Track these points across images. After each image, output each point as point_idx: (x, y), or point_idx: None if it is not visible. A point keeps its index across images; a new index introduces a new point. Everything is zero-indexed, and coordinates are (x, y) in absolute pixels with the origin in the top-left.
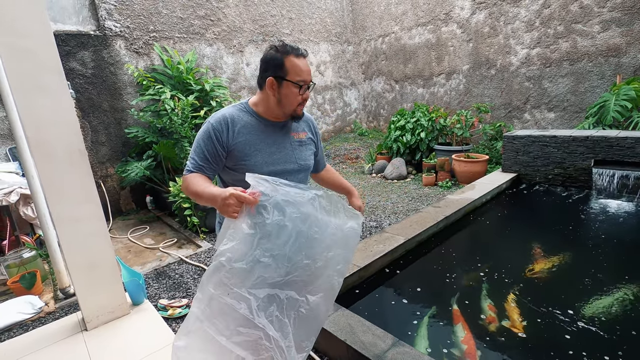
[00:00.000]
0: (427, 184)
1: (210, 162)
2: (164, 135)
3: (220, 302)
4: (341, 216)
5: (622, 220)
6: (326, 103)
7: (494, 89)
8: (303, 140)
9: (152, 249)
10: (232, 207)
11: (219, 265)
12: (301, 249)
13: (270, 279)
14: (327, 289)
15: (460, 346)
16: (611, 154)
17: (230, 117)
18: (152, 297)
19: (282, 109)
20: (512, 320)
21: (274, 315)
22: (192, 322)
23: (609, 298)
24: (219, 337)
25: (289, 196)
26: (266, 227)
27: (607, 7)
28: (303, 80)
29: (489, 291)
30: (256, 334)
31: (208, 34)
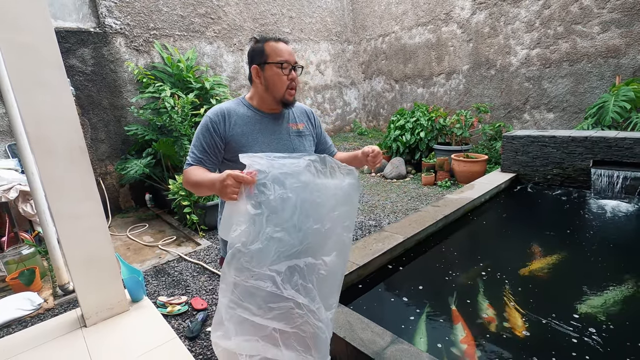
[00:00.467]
0: (426, 184)
1: (209, 154)
2: (164, 133)
3: (245, 285)
4: (338, 175)
5: (620, 221)
6: (326, 102)
7: (493, 89)
8: (301, 131)
9: (152, 247)
10: (231, 187)
11: (236, 252)
12: (308, 216)
13: (287, 252)
14: (340, 246)
15: (459, 346)
16: (610, 155)
17: (226, 109)
18: (151, 295)
19: (271, 94)
20: (511, 320)
21: (299, 283)
22: (224, 312)
23: (606, 297)
24: (253, 317)
25: (286, 168)
26: (271, 203)
27: (606, 8)
28: (285, 60)
29: (487, 290)
30: (287, 305)
31: (208, 32)
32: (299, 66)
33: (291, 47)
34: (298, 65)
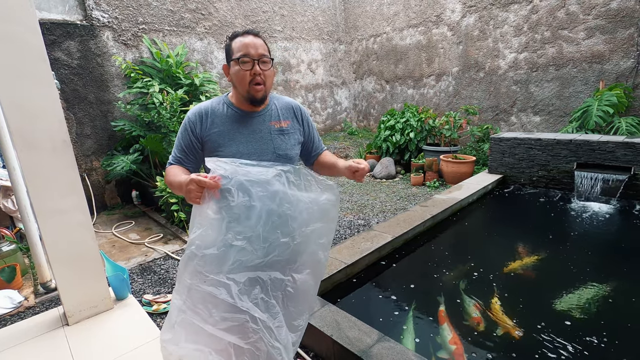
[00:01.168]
0: (415, 184)
1: (187, 154)
2: (152, 129)
3: (199, 290)
4: (314, 189)
5: (601, 222)
6: (317, 101)
7: (482, 91)
8: (285, 129)
9: (138, 244)
10: (193, 192)
11: (191, 254)
12: (275, 228)
13: (249, 262)
14: (313, 264)
15: (448, 347)
16: (593, 158)
17: (205, 109)
18: (136, 292)
19: (238, 91)
20: (497, 319)
21: (259, 297)
22: (176, 314)
23: (587, 294)
24: (205, 325)
25: (251, 175)
26: (233, 210)
27: (592, 14)
28: (244, 53)
29: (473, 290)
30: (241, 318)
31: (199, 28)
32: (267, 58)
33: (260, 41)
34: (265, 58)
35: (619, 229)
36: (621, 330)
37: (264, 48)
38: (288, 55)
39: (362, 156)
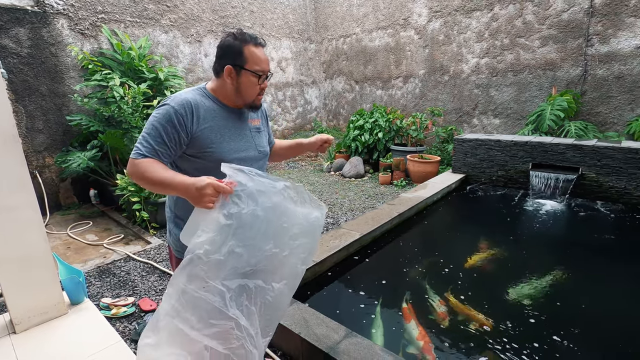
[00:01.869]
0: (383, 183)
1: (169, 148)
2: (112, 124)
3: (193, 295)
4: (307, 206)
5: (552, 218)
6: (287, 100)
7: (446, 94)
8: (259, 127)
9: (96, 246)
10: (209, 197)
11: (195, 258)
12: (270, 238)
13: (241, 269)
14: (291, 276)
15: (416, 343)
16: (546, 158)
17: (193, 101)
18: (93, 296)
19: (241, 98)
20: (462, 312)
21: (244, 304)
22: (162, 318)
23: (542, 283)
24: (190, 331)
25: (263, 186)
26: (243, 217)
27: (546, 24)
28: (262, 70)
29: (439, 285)
30: (228, 325)
31: (163, 20)
32: (271, 73)
33: (267, 55)
34: (270, 73)
35: (567, 224)
36: (569, 311)
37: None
38: None
39: (332, 155)
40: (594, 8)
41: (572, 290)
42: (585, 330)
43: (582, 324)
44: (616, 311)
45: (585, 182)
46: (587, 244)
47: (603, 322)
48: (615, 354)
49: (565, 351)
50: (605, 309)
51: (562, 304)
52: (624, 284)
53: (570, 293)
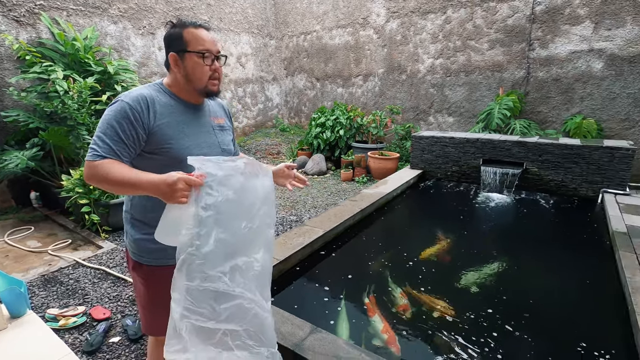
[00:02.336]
0: (345, 179)
1: (128, 146)
2: (55, 121)
3: (199, 290)
4: (260, 176)
5: (500, 210)
6: (247, 96)
7: (404, 92)
8: (223, 125)
9: (39, 253)
10: (181, 192)
11: (188, 256)
12: (243, 216)
13: (230, 250)
14: (266, 242)
15: (381, 336)
16: (495, 154)
17: (149, 96)
18: (38, 308)
19: (192, 85)
20: (424, 302)
21: (241, 281)
22: (179, 322)
23: (489, 271)
24: (207, 323)
25: (230, 170)
26: (218, 205)
27: (493, 28)
28: (206, 49)
29: (400, 278)
30: (238, 303)
31: (112, 10)
32: (222, 55)
33: (214, 36)
34: (221, 55)
35: (513, 215)
36: (514, 294)
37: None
38: None
39: (294, 153)
40: (535, 15)
41: (516, 275)
42: (528, 313)
43: (525, 306)
44: (549, 292)
45: (529, 176)
46: (529, 233)
47: (540, 302)
48: (549, 331)
49: (512, 333)
50: (541, 290)
51: (507, 288)
52: (559, 268)
53: (514, 278)
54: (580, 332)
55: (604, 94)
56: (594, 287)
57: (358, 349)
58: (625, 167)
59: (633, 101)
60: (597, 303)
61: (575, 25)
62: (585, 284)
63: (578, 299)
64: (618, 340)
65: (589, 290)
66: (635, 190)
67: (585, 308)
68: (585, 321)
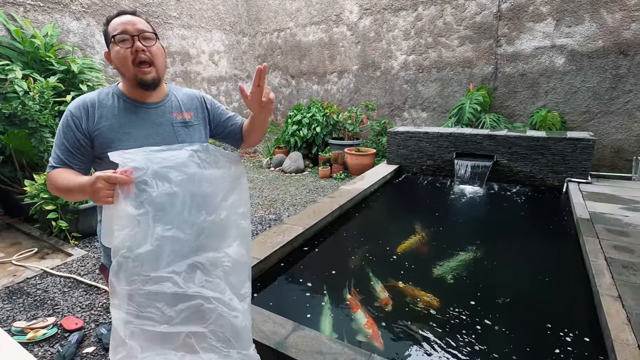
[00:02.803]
0: (323, 176)
1: (74, 154)
2: (15, 123)
3: (141, 294)
4: (223, 163)
5: (474, 201)
6: (221, 95)
7: (379, 89)
8: (189, 121)
9: (2, 264)
10: (103, 191)
11: (122, 260)
12: (200, 209)
13: (185, 249)
14: (240, 234)
15: (364, 331)
16: (467, 148)
17: (91, 101)
18: (3, 322)
19: (125, 78)
20: (406, 296)
21: (203, 280)
22: (122, 329)
23: (464, 258)
24: (158, 327)
25: (167, 161)
26: (156, 201)
27: (462, 25)
28: (120, 31)
29: (380, 272)
30: (196, 304)
31: (74, 6)
32: (149, 33)
33: (137, 18)
34: (146, 34)
35: (485, 205)
36: (486, 281)
37: (144, 24)
38: (187, 44)
39: (271, 151)
40: (501, 12)
41: (488, 262)
42: (500, 298)
43: (497, 291)
44: (519, 277)
45: (499, 168)
46: (500, 223)
47: (511, 287)
48: (519, 314)
49: (485, 318)
50: (511, 275)
51: (480, 275)
52: (528, 254)
53: (486, 265)
54: (548, 314)
55: (566, 88)
56: (560, 271)
57: (340, 344)
58: (586, 157)
59: (592, 94)
60: (563, 286)
61: (539, 23)
62: (553, 269)
63: (546, 283)
64: (584, 320)
65: (556, 274)
66: (596, 179)
67: (553, 291)
68: (552, 303)
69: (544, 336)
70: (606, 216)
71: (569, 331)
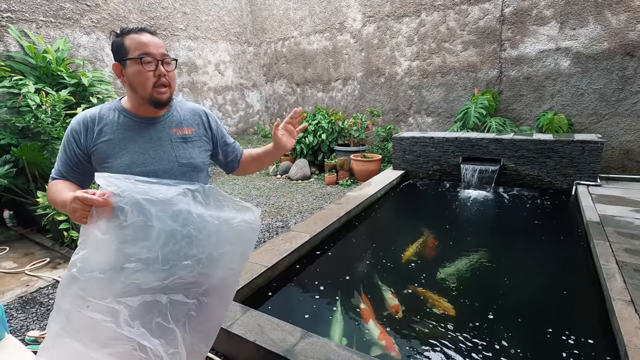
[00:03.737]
0: (329, 183)
1: (72, 168)
2: (28, 136)
3: (80, 315)
4: (227, 210)
5: (481, 206)
6: (227, 104)
7: (384, 95)
8: (188, 136)
9: (15, 274)
10: (78, 211)
11: (71, 277)
12: (179, 250)
13: (146, 285)
14: (222, 288)
15: (379, 343)
16: (474, 152)
17: (91, 116)
18: (17, 331)
19: (138, 94)
20: (424, 301)
21: (154, 321)
22: (52, 339)
23: (473, 262)
24: (88, 351)
25: (150, 194)
26: (125, 230)
27: (466, 30)
28: (144, 52)
29: (388, 279)
30: (127, 346)
31: (84, 21)
32: (170, 59)
33: (159, 40)
34: (168, 59)
35: (493, 210)
36: (498, 285)
37: (164, 48)
38: (193, 55)
39: (277, 159)
40: (504, 16)
41: (498, 266)
42: (512, 302)
43: (509, 295)
44: (530, 282)
45: (506, 172)
46: (509, 227)
47: (522, 292)
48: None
49: (496, 321)
50: (522, 280)
51: (490, 279)
52: (539, 259)
53: (497, 269)
54: (558, 318)
55: (573, 90)
56: (570, 275)
57: (349, 351)
58: (595, 159)
59: (599, 96)
60: (574, 290)
61: (542, 26)
62: (563, 273)
63: (556, 287)
64: (596, 325)
65: (567, 278)
66: (605, 181)
67: (564, 295)
68: (563, 308)
69: (554, 341)
70: (616, 219)
71: (580, 336)
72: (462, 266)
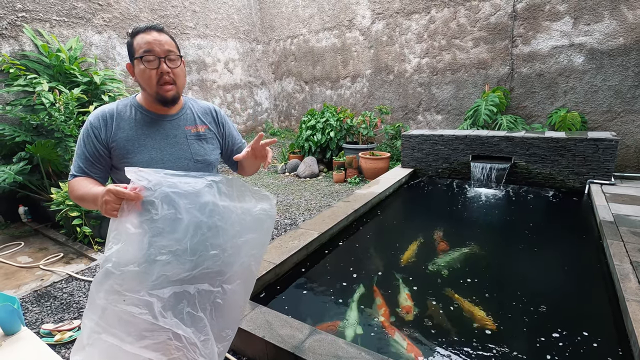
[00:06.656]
0: (337, 181)
1: (93, 164)
2: (42, 134)
3: (116, 310)
4: (248, 199)
5: (491, 204)
6: (236, 102)
7: (392, 92)
8: (202, 134)
9: (30, 268)
10: (110, 204)
11: (107, 272)
12: (205, 240)
13: (175, 276)
14: (244, 275)
15: (407, 356)
16: (484, 150)
17: (110, 112)
18: (32, 324)
19: (147, 92)
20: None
21: (185, 311)
22: (87, 335)
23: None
24: (123, 345)
25: (179, 187)
26: (156, 224)
27: (477, 27)
28: (146, 50)
29: (398, 278)
30: (163, 336)
31: (96, 20)
32: (175, 56)
33: (165, 37)
34: (172, 56)
35: (504, 208)
36: (511, 284)
37: (171, 44)
38: (202, 53)
39: (285, 156)
40: (516, 12)
41: (511, 266)
42: (526, 302)
43: (522, 295)
44: (542, 281)
45: (517, 170)
46: (521, 226)
47: (536, 291)
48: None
49: (512, 320)
50: (535, 279)
51: (503, 278)
52: (551, 258)
53: (510, 268)
54: (571, 319)
55: (586, 87)
56: (583, 275)
57: (357, 348)
58: (609, 157)
59: (614, 93)
60: (587, 290)
61: (556, 21)
62: (576, 273)
63: (569, 287)
64: (609, 326)
65: (579, 278)
66: (620, 180)
67: (576, 295)
68: (576, 309)
69: (566, 341)
70: (631, 218)
71: (593, 337)
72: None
